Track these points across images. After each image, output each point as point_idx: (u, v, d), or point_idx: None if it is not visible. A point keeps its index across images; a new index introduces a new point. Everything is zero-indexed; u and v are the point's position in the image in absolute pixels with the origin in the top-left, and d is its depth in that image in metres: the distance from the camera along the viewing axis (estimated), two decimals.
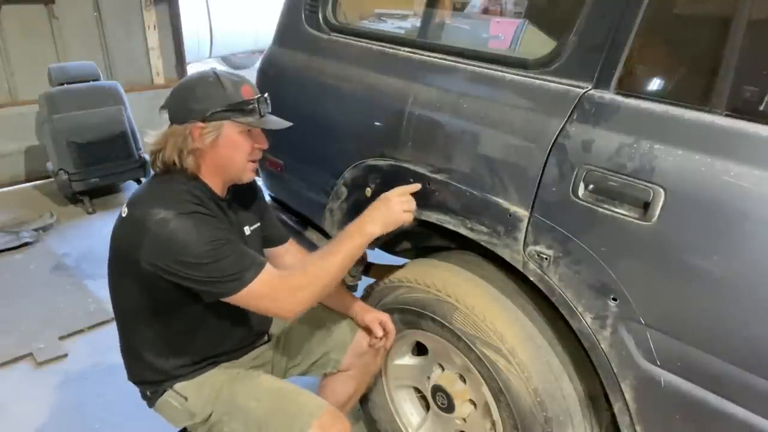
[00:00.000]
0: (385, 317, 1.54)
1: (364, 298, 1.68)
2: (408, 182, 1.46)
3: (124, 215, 1.26)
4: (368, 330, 1.54)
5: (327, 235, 1.82)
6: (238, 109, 1.24)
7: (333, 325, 1.56)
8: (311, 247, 1.86)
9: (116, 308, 1.36)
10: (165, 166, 1.27)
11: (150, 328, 1.32)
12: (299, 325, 1.56)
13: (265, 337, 1.53)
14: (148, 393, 1.40)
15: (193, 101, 1.24)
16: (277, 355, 1.55)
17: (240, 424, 1.33)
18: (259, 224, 1.48)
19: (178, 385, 1.36)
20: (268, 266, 1.25)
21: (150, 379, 1.38)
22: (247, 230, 1.43)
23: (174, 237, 1.17)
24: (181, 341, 1.35)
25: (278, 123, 1.31)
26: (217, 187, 1.32)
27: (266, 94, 1.30)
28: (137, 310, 1.30)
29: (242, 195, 1.43)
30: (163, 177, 1.29)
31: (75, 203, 3.73)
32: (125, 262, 1.26)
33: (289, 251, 1.58)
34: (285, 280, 1.26)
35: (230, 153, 1.27)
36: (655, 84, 1.15)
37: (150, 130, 1.31)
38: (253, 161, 1.32)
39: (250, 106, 1.25)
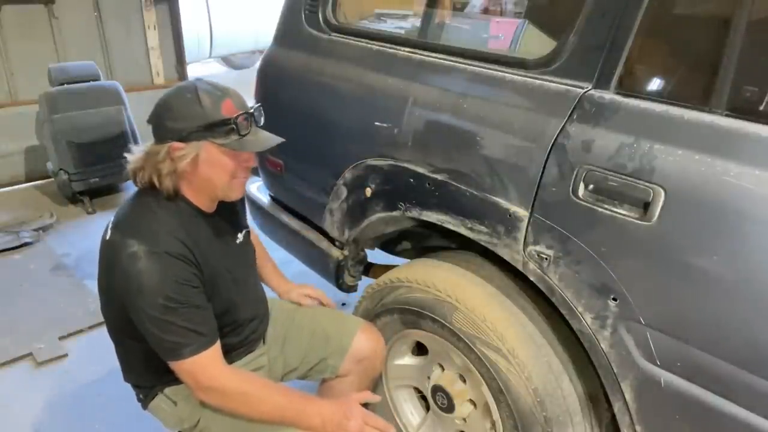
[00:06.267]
0: (309, 289, 1.64)
1: (364, 298, 1.68)
2: (408, 182, 1.46)
3: (107, 237, 1.22)
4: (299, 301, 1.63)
5: (327, 235, 1.82)
6: (217, 128, 1.16)
7: (331, 330, 1.54)
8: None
9: (105, 319, 1.35)
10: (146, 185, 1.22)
11: (136, 342, 1.26)
12: (297, 331, 1.55)
13: (260, 343, 1.50)
14: (141, 395, 1.40)
15: (169, 120, 1.17)
16: (274, 359, 1.52)
17: None
18: (248, 228, 1.47)
19: (168, 390, 1.35)
20: (212, 349, 1.20)
21: (141, 383, 1.38)
22: (240, 237, 1.42)
23: (137, 277, 1.14)
24: None
25: (262, 143, 1.22)
26: (204, 204, 1.28)
27: (255, 108, 1.21)
28: (123, 326, 1.27)
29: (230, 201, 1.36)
30: (147, 196, 1.23)
31: (75, 203, 3.73)
32: (105, 282, 1.26)
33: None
34: (218, 375, 1.21)
35: (211, 173, 1.20)
36: (655, 84, 1.15)
37: (134, 146, 1.25)
38: (241, 178, 1.26)
39: (229, 126, 1.17)
